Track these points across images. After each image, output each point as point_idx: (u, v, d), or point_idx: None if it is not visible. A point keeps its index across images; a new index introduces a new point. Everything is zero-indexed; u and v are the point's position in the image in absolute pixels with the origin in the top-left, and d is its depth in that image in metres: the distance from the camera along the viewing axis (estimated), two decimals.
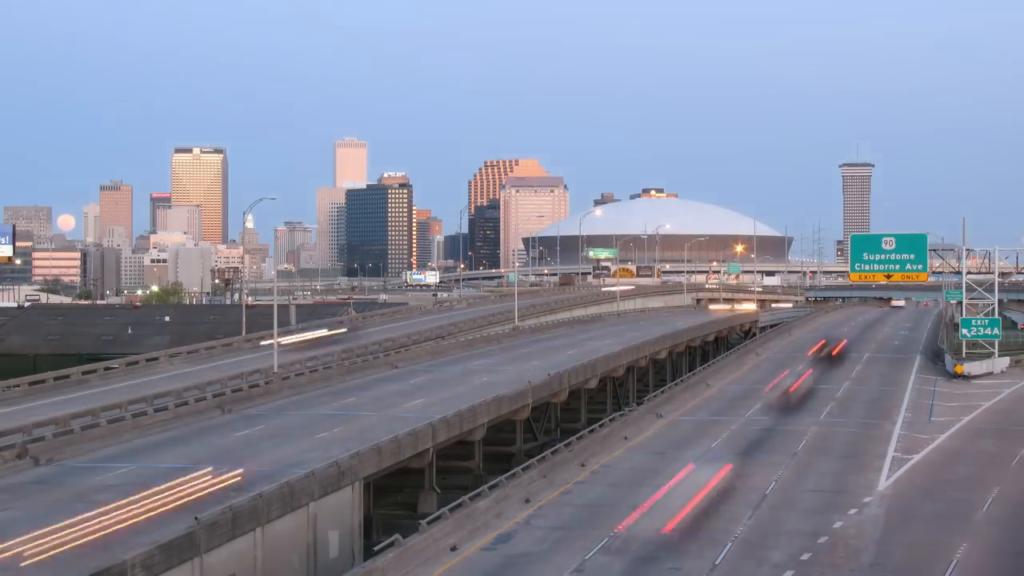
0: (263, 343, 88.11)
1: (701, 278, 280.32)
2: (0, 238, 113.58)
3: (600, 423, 64.46)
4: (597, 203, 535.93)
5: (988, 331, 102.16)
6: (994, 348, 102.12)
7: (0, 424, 52.52)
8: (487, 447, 62.82)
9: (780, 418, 72.09)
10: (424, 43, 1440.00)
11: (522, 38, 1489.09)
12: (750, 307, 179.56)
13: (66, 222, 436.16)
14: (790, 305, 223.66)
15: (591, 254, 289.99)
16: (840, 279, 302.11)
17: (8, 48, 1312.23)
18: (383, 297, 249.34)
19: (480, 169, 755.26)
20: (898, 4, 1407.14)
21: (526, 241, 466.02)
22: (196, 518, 35.06)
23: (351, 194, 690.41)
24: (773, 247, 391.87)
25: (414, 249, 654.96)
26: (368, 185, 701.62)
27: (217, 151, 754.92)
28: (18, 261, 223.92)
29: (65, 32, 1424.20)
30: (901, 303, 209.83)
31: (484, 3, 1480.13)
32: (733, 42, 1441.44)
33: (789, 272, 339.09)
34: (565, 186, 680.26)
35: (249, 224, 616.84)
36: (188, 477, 43.69)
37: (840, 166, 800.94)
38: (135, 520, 37.60)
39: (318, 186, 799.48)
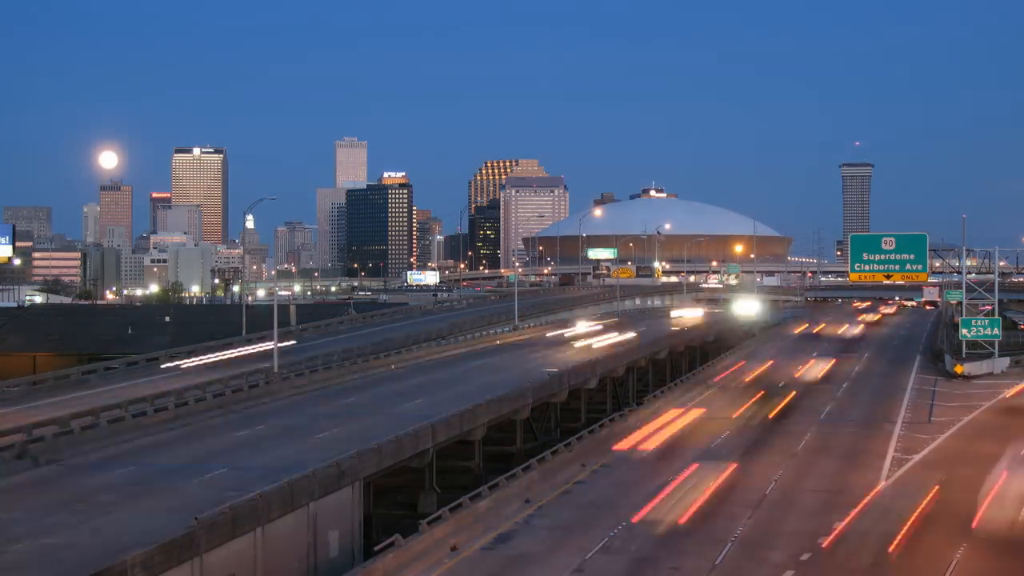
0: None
1: (701, 278, 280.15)
2: (0, 238, 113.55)
3: (600, 423, 64.47)
4: (597, 203, 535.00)
5: (988, 331, 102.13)
6: (994, 348, 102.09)
7: (0, 424, 52.49)
8: (487, 447, 62.78)
9: (780, 418, 72.13)
10: (424, 43, 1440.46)
11: (522, 38, 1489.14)
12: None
13: (108, 159, 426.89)
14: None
15: (591, 254, 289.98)
16: (840, 279, 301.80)
17: (8, 48, 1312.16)
18: (383, 297, 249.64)
19: (480, 169, 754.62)
20: (898, 4, 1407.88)
21: (526, 241, 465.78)
22: (196, 518, 35.04)
23: (351, 194, 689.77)
24: (773, 247, 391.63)
25: (414, 249, 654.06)
26: (368, 185, 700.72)
27: (217, 151, 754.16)
28: (18, 261, 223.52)
29: (65, 32, 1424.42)
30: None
31: (484, 3, 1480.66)
32: (733, 41, 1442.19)
33: (789, 272, 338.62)
34: (565, 186, 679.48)
35: (249, 224, 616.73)
36: None
37: (840, 166, 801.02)
38: None
39: (318, 186, 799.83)
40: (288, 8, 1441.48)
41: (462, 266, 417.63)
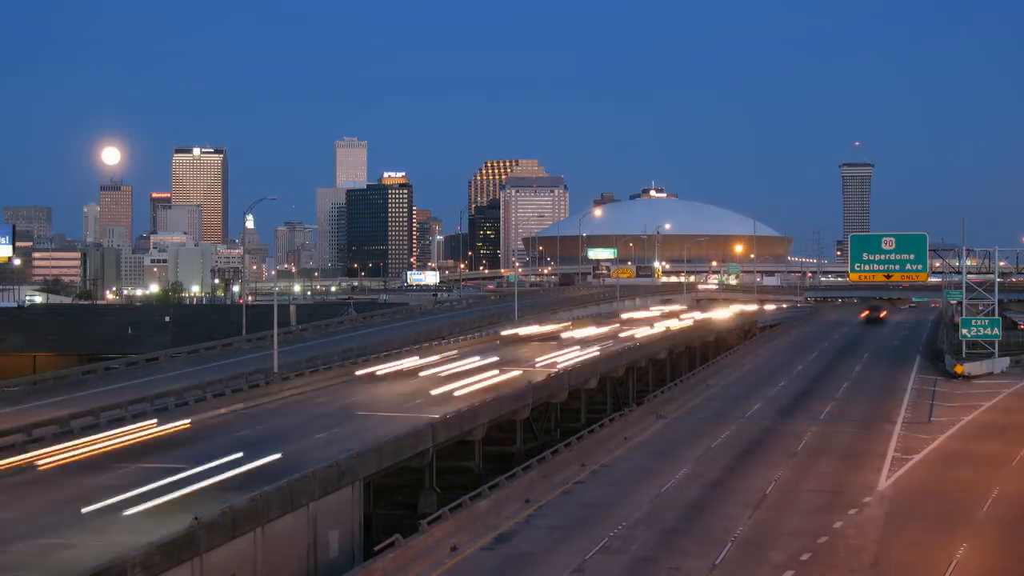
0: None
1: (701, 278, 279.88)
2: (0, 238, 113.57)
3: (600, 423, 64.46)
4: (597, 203, 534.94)
5: (988, 331, 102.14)
6: (994, 348, 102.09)
7: (0, 424, 52.46)
8: (487, 447, 62.74)
9: (780, 418, 72.17)
10: (424, 43, 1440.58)
11: (522, 38, 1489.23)
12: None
13: (111, 155, 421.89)
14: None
15: (591, 254, 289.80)
16: (840, 279, 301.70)
17: (8, 48, 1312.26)
18: (383, 297, 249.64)
19: (480, 169, 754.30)
20: (898, 5, 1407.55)
21: (526, 241, 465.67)
22: (196, 518, 35.02)
23: (351, 194, 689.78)
24: (773, 247, 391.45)
25: (414, 249, 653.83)
26: (368, 185, 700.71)
27: (217, 151, 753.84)
28: (18, 261, 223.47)
29: (65, 33, 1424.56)
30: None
31: (484, 3, 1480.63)
32: (732, 41, 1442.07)
33: (789, 272, 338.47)
34: (565, 186, 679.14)
35: (249, 224, 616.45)
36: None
37: (840, 166, 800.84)
38: None
39: (318, 186, 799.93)
40: (289, 8, 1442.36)
41: (462, 266, 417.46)
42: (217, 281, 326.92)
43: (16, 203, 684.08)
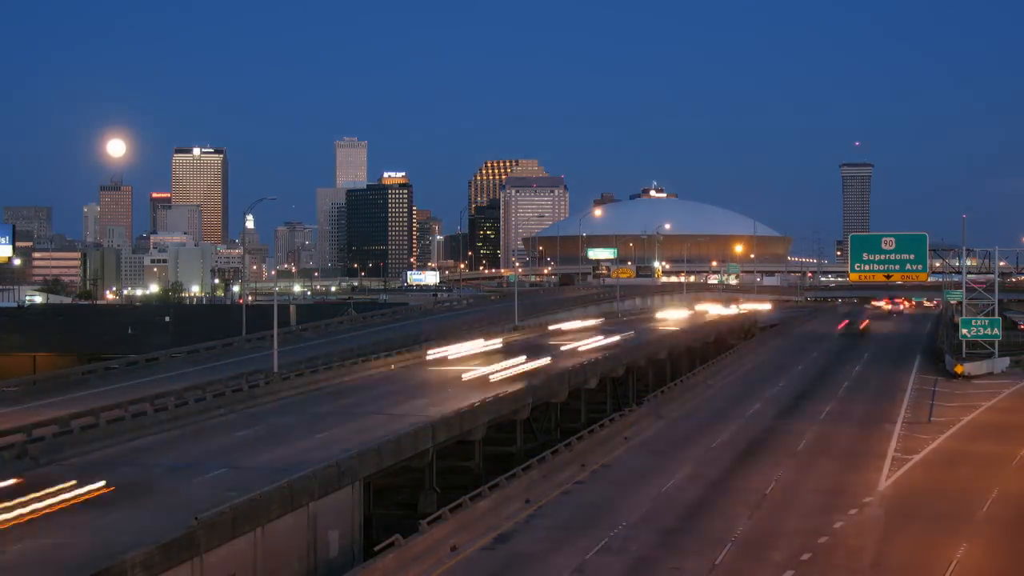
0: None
1: (701, 278, 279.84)
2: (0, 238, 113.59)
3: (600, 423, 64.43)
4: (597, 203, 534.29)
5: (988, 331, 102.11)
6: (994, 348, 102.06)
7: (0, 424, 52.44)
8: (487, 447, 62.73)
9: (780, 418, 72.15)
10: (424, 43, 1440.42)
11: (522, 38, 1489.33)
12: None
13: (116, 147, 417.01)
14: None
15: (591, 254, 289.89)
16: (840, 279, 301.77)
17: (8, 48, 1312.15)
18: (383, 297, 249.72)
19: (480, 169, 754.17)
20: (898, 3, 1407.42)
21: (526, 241, 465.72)
22: (196, 518, 35.02)
23: (351, 194, 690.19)
24: (773, 247, 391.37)
25: (414, 249, 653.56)
26: (368, 185, 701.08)
27: (217, 151, 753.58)
28: (18, 261, 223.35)
29: (65, 33, 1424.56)
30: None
31: (484, 3, 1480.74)
32: (732, 42, 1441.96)
33: (789, 272, 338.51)
34: (565, 186, 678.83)
35: (249, 224, 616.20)
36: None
37: (840, 166, 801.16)
38: None
39: (318, 186, 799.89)
40: (288, 8, 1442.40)
41: (462, 266, 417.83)
42: (217, 281, 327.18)
43: (16, 203, 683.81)
